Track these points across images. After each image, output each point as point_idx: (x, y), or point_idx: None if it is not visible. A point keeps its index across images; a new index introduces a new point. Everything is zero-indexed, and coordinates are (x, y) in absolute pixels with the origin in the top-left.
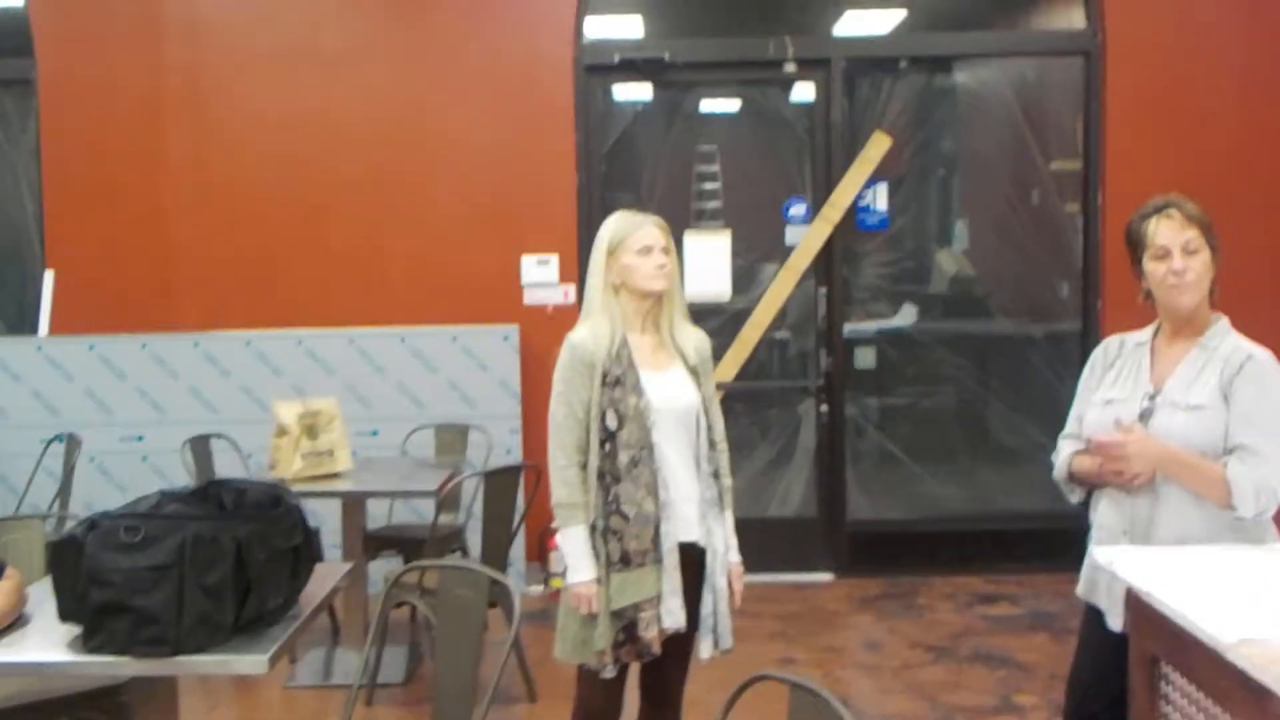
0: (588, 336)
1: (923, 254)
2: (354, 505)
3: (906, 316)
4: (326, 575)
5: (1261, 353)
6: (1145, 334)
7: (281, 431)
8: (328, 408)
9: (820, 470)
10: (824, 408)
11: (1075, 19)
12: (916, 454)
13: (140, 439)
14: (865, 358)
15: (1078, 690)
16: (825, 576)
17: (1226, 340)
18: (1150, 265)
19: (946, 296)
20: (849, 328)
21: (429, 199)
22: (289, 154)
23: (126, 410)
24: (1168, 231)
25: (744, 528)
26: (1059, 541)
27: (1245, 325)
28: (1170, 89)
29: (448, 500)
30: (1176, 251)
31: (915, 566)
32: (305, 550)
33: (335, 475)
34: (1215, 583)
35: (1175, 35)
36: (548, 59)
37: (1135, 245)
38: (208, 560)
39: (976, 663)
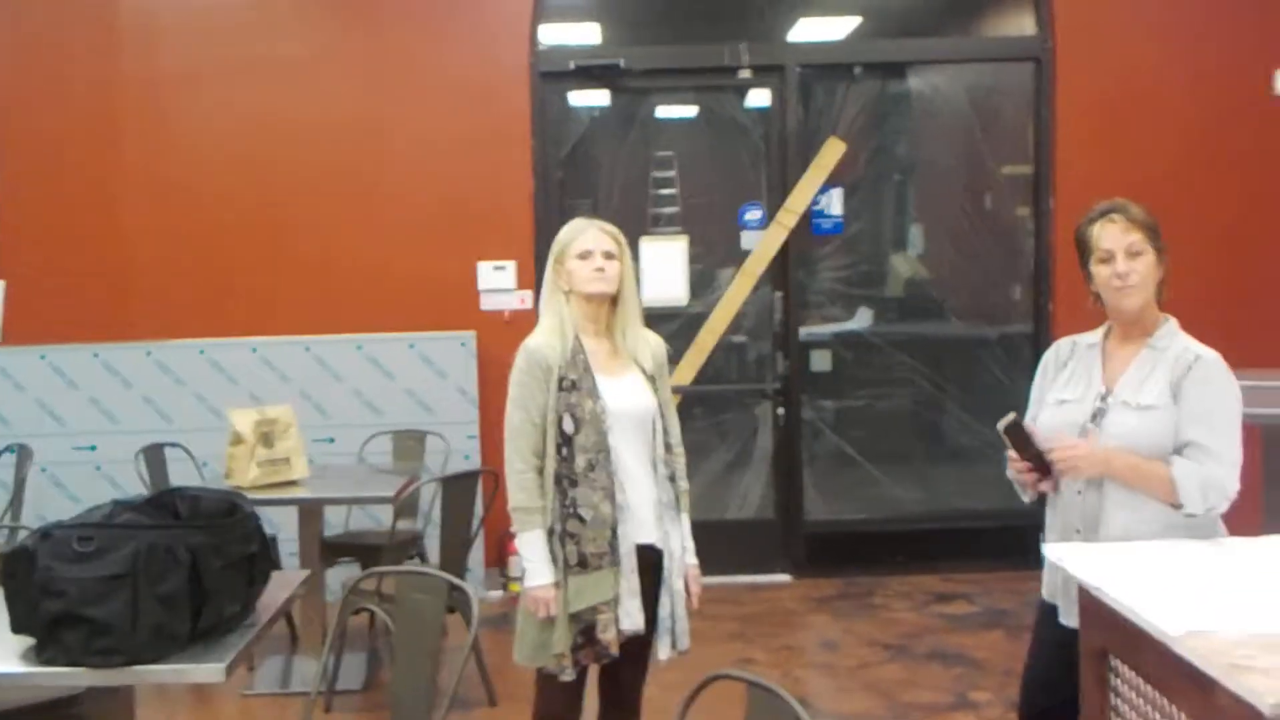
0: (543, 341)
1: (878, 258)
2: (311, 513)
3: (862, 320)
4: (283, 583)
5: (1209, 353)
6: (1096, 335)
7: (237, 440)
8: (283, 415)
9: (777, 472)
10: (781, 410)
11: (1026, 25)
12: (872, 455)
13: (93, 449)
14: (821, 361)
15: (1032, 687)
16: (783, 577)
17: (1176, 341)
18: (1096, 268)
19: (901, 300)
20: (805, 331)
21: (385, 206)
22: (244, 162)
23: (79, 420)
24: (1112, 235)
25: (702, 530)
26: (1013, 540)
27: (1193, 326)
28: (1120, 94)
29: (405, 506)
30: (1120, 255)
31: (872, 566)
32: (261, 558)
33: (292, 483)
34: (1163, 577)
35: (1125, 40)
36: (503, 66)
37: (1083, 249)
38: (162, 569)
39: (933, 661)
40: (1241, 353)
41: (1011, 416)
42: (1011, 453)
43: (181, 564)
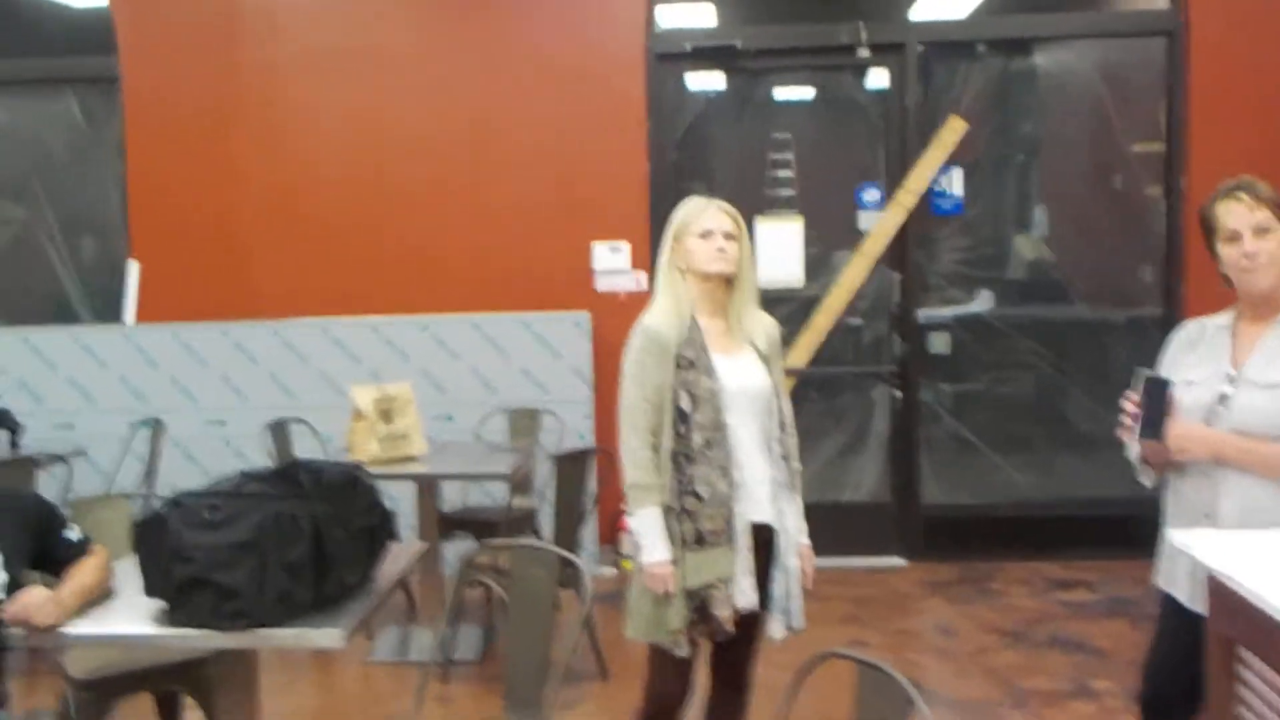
0: (660, 320)
1: (1000, 239)
2: (428, 487)
3: (983, 302)
4: (401, 555)
5: None
6: (1226, 317)
7: (358, 416)
8: (403, 393)
9: (893, 455)
10: (897, 393)
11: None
12: (991, 440)
13: (223, 423)
14: (939, 343)
15: (1153, 675)
16: (898, 561)
17: None
18: (1223, 249)
19: (1025, 282)
20: (923, 313)
21: (501, 189)
22: (359, 148)
23: (209, 396)
24: (1237, 214)
25: (817, 512)
26: (1137, 528)
27: None
28: (1254, 68)
29: (521, 484)
30: (1247, 234)
31: (989, 552)
32: (381, 530)
33: (410, 459)
34: None
35: (1260, 14)
36: (619, 48)
37: (1208, 229)
38: (287, 538)
39: (1052, 648)
40: None
41: (1165, 376)
42: (1130, 399)
43: (305, 533)
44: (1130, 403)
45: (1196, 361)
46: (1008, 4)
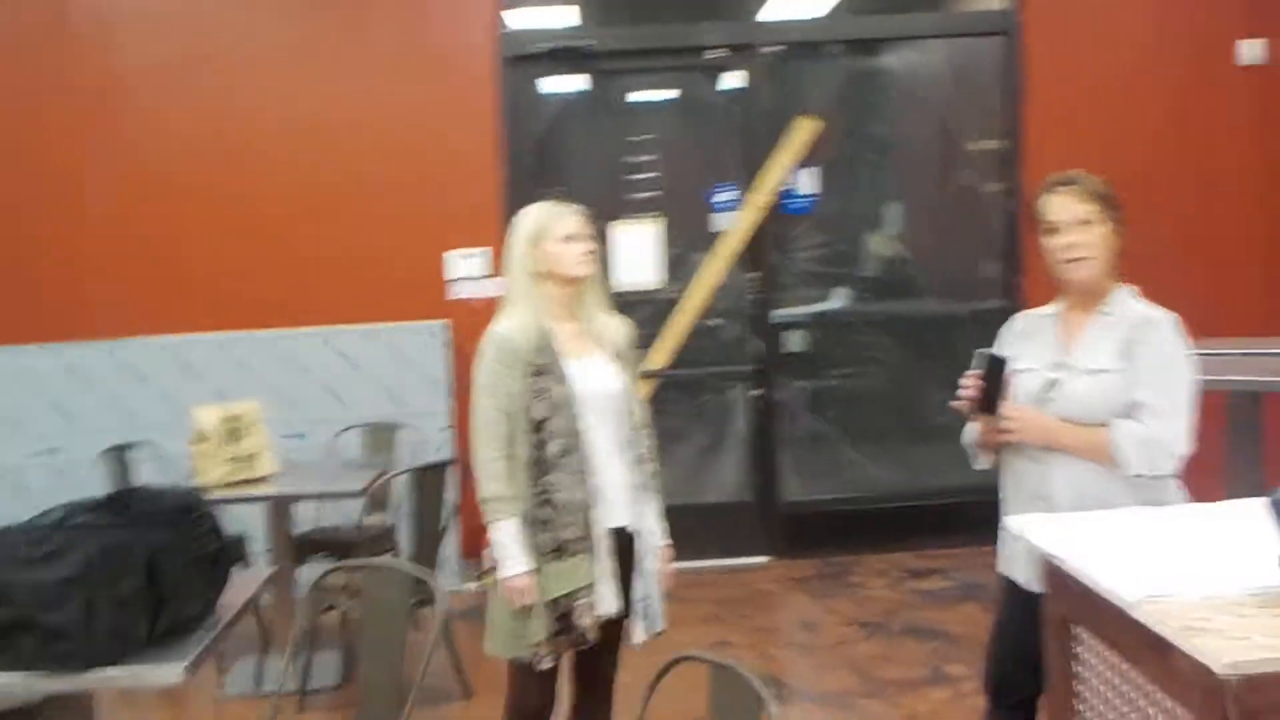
0: (511, 327)
1: (854, 237)
2: (279, 509)
3: (838, 300)
4: (247, 582)
5: (1162, 314)
6: (1054, 307)
7: (201, 438)
8: (250, 411)
9: (753, 454)
10: (756, 392)
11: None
12: (848, 435)
13: (54, 452)
14: (796, 341)
15: (997, 657)
16: (760, 559)
17: (1129, 306)
18: (1045, 240)
19: (878, 279)
20: (781, 312)
21: (349, 196)
22: (205, 155)
23: (38, 422)
24: (1059, 207)
25: (678, 514)
26: (988, 514)
27: (1163, 294)
28: (1088, 67)
29: (377, 500)
30: (1070, 227)
31: (849, 546)
32: (223, 557)
33: (260, 480)
34: (1123, 544)
35: (1091, 13)
36: (470, 50)
37: (1036, 221)
38: (117, 571)
39: (909, 636)
40: (1212, 320)
41: (1004, 353)
42: (969, 379)
43: (138, 565)
44: (969, 380)
45: (1026, 350)
46: (856, 6)
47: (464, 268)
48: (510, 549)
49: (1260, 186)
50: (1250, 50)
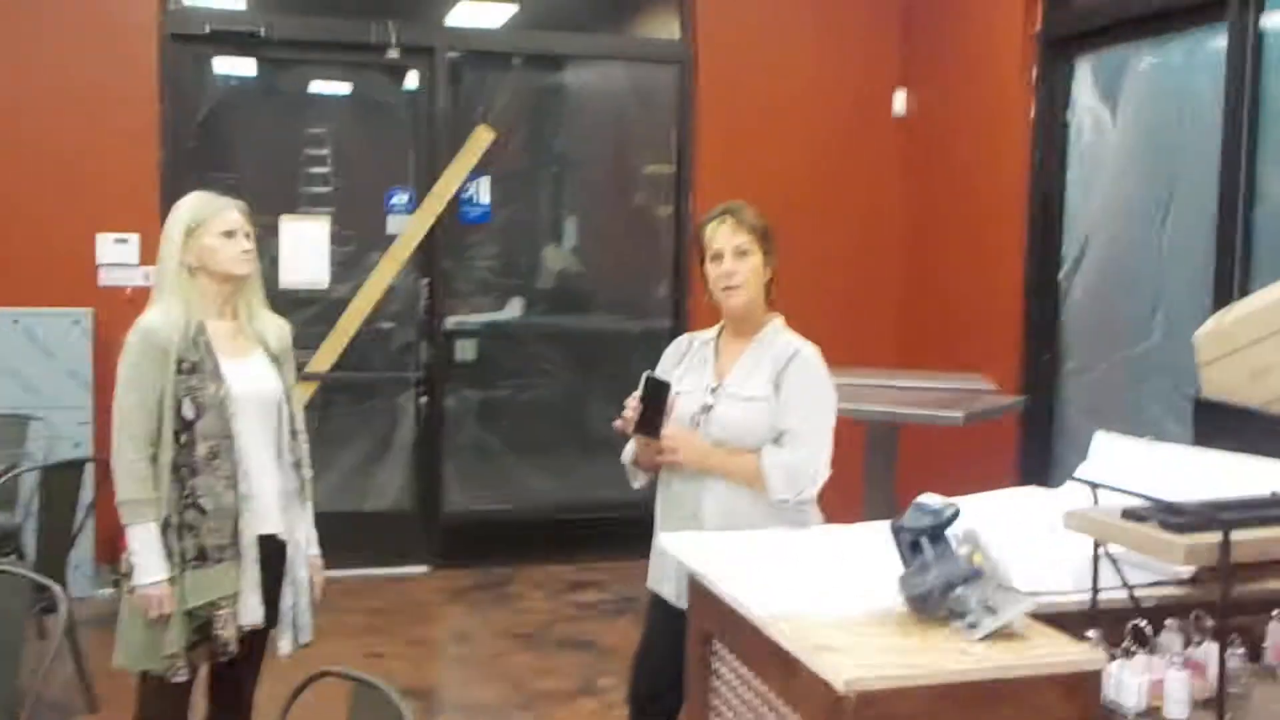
0: (161, 321)
1: (531, 249)
2: None
3: (513, 310)
4: None
5: (808, 348)
6: (711, 332)
7: None
8: None
9: (418, 462)
10: (423, 399)
11: (673, 30)
12: (515, 446)
13: None
14: (467, 350)
15: (642, 671)
16: (420, 569)
17: (780, 337)
18: (708, 267)
19: (553, 291)
20: (453, 320)
21: None
22: None
23: None
24: (722, 236)
25: (338, 521)
26: (648, 530)
27: (813, 326)
28: (755, 104)
29: (2, 498)
30: (728, 255)
31: (510, 556)
32: None
33: None
34: (762, 563)
35: (760, 54)
36: (131, 24)
37: (700, 248)
38: None
39: (563, 649)
40: (856, 353)
41: (667, 378)
42: (632, 400)
43: None
44: (632, 401)
45: (685, 374)
46: (540, 20)
47: (116, 253)
48: (147, 555)
49: (901, 229)
50: (898, 100)
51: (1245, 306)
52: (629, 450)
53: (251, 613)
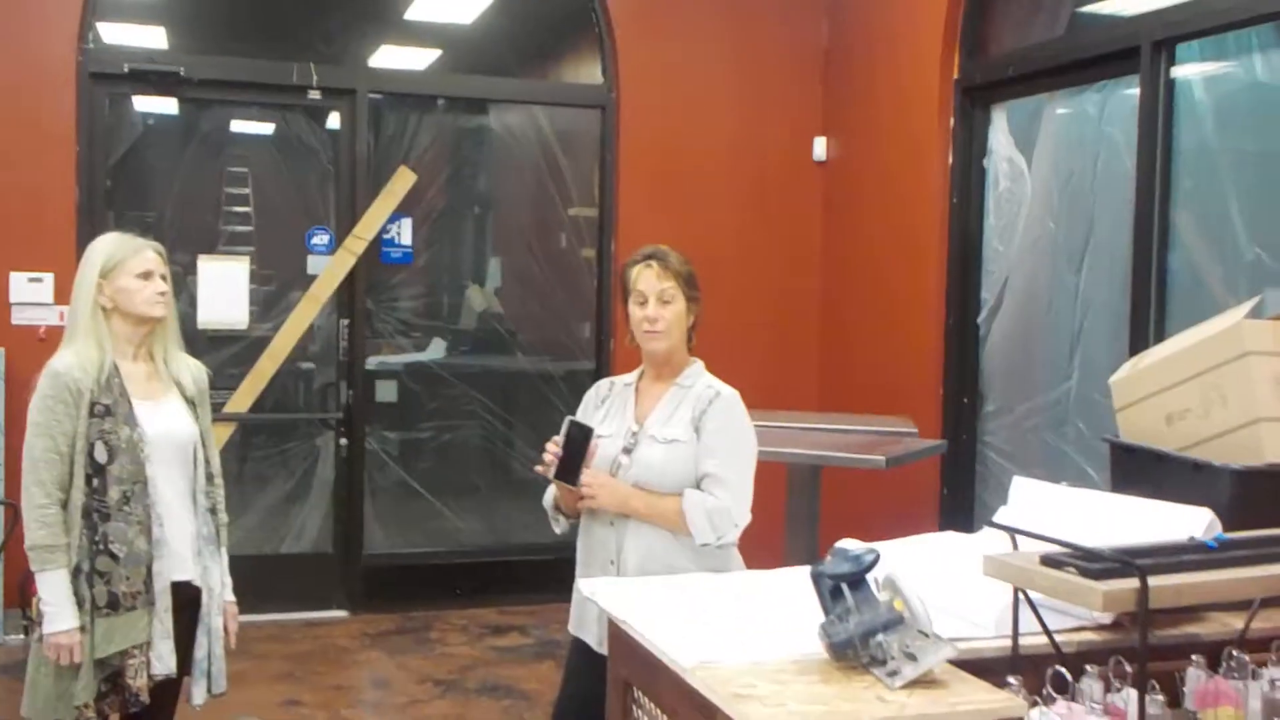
0: (73, 363)
1: (453, 290)
2: None
3: (435, 351)
4: None
5: (728, 391)
6: (632, 376)
7: None
8: None
9: (337, 504)
10: (343, 441)
11: (596, 74)
12: (436, 488)
13: None
14: (387, 391)
15: (564, 717)
16: (339, 613)
17: (700, 380)
18: (632, 310)
19: (475, 333)
20: (375, 360)
21: None
22: None
23: None
24: (646, 281)
25: (256, 565)
26: (570, 572)
27: (735, 369)
28: (676, 149)
29: None
30: (652, 301)
31: (430, 600)
32: None
33: None
34: (683, 610)
35: (681, 100)
36: (48, 62)
37: (625, 290)
38: None
39: (483, 694)
40: (778, 396)
41: (589, 423)
42: (552, 444)
43: None
44: (552, 445)
45: (606, 417)
46: (462, 64)
47: (28, 292)
48: (56, 602)
49: (822, 273)
50: (819, 147)
51: (1160, 351)
52: (550, 495)
53: (163, 662)
